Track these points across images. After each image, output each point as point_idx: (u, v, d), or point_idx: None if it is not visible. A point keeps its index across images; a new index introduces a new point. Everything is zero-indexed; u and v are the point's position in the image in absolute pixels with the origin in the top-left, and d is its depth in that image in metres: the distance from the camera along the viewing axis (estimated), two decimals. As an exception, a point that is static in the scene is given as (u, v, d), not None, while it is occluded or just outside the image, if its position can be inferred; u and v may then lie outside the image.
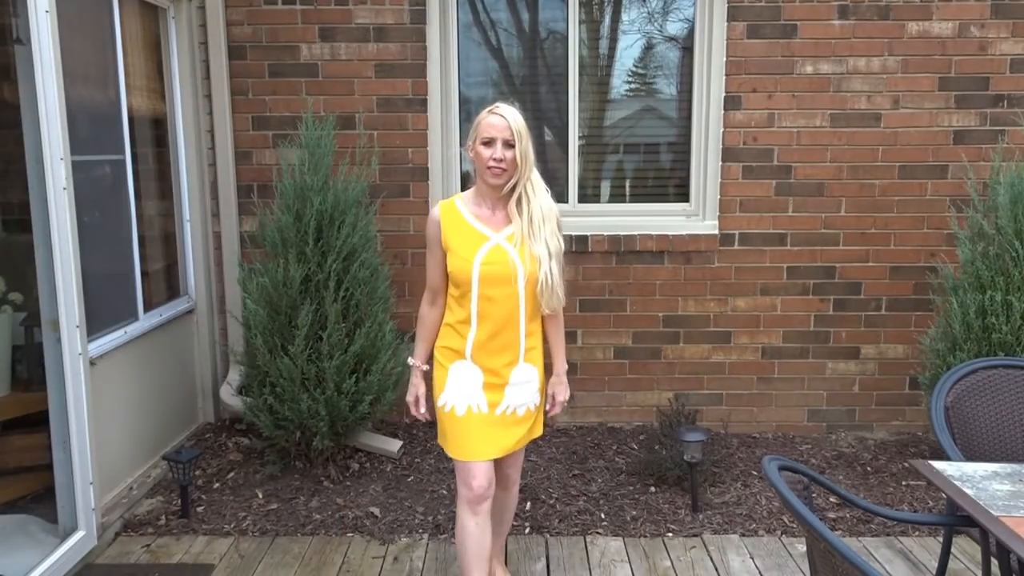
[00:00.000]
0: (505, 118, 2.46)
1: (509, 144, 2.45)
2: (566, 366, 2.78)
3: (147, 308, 4.12)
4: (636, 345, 4.69)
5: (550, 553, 3.36)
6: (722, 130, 4.50)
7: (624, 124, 4.84)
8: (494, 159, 2.44)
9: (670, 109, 4.79)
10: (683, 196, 4.72)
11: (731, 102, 4.48)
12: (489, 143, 2.46)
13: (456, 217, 2.57)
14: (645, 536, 3.51)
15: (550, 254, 2.51)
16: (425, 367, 2.74)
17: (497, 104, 2.51)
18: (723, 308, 4.65)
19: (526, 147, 2.46)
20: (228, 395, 4.50)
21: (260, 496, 3.84)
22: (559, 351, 2.77)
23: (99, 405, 3.41)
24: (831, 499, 3.83)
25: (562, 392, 2.76)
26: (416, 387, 2.74)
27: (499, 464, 2.69)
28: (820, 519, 1.78)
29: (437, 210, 2.61)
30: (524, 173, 2.48)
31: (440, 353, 2.65)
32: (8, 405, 3.63)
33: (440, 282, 2.65)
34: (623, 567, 3.27)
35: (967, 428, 2.59)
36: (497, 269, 2.50)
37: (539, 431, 2.76)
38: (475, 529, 2.58)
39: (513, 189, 2.50)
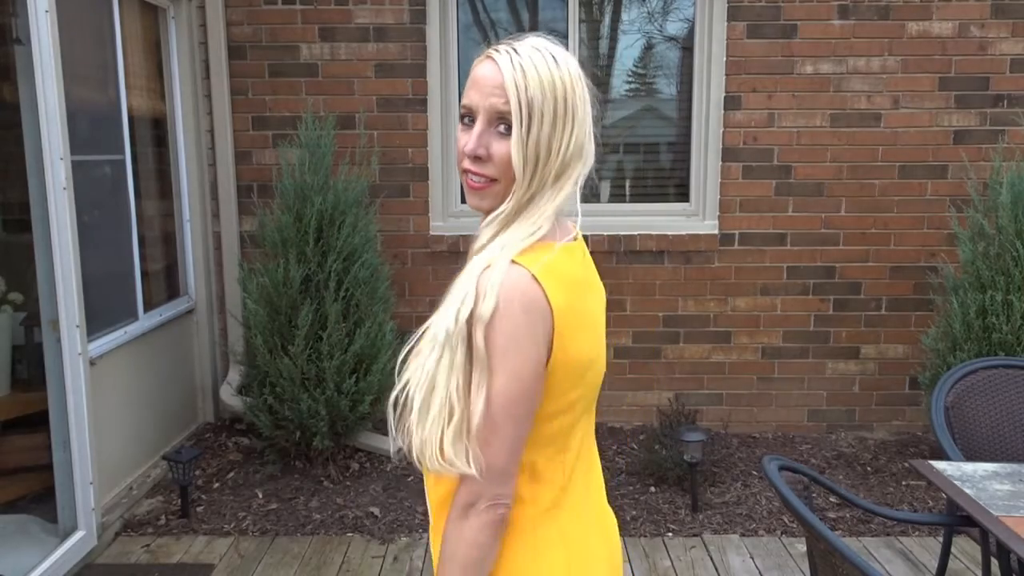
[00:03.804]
0: (500, 68, 1.17)
1: (502, 120, 1.18)
2: None
3: (147, 308, 4.12)
4: (636, 345, 4.69)
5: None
6: (722, 130, 4.50)
7: (624, 124, 4.84)
8: (467, 153, 1.20)
9: (670, 109, 4.79)
10: (683, 196, 4.72)
11: (731, 102, 4.48)
12: (465, 118, 1.23)
13: None
14: (645, 536, 3.51)
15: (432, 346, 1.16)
16: None
17: (509, 39, 1.22)
18: (723, 308, 4.65)
19: (542, 135, 1.17)
20: (228, 395, 4.50)
21: (260, 496, 3.84)
22: None
23: (99, 405, 3.41)
24: (831, 499, 3.83)
25: None
26: None
27: None
28: (820, 519, 1.78)
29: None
30: (525, 190, 1.19)
31: None
32: (8, 405, 3.63)
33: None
34: (623, 567, 3.26)
35: (967, 428, 2.59)
36: None
37: None
38: None
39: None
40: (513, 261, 1.14)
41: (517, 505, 1.19)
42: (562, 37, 4.63)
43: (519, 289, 1.12)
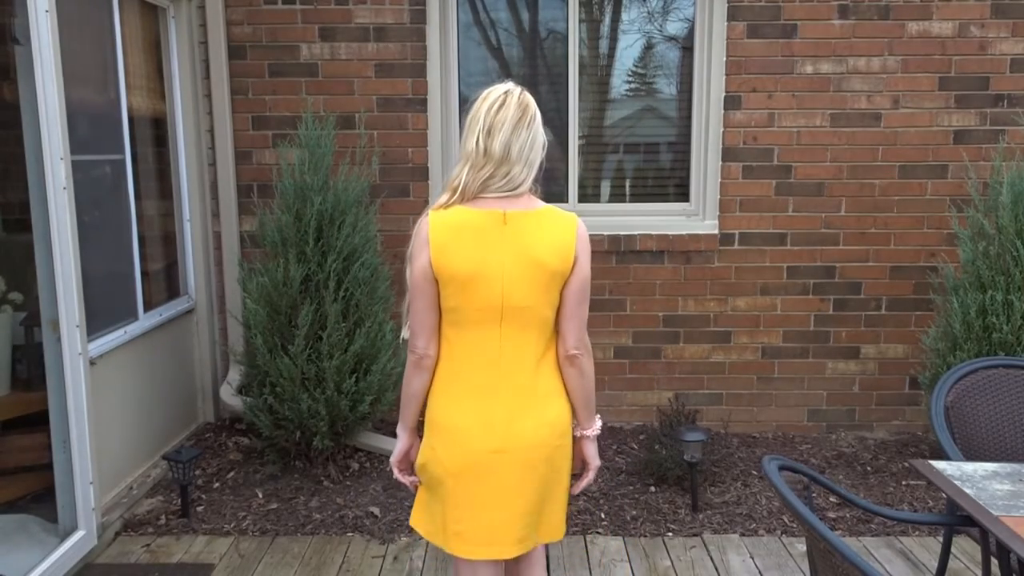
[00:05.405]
0: None
1: None
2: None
3: (147, 308, 4.12)
4: (636, 345, 4.69)
5: (550, 552, 3.36)
6: (722, 130, 4.50)
7: (624, 124, 4.84)
8: None
9: (670, 109, 4.79)
10: (683, 196, 4.72)
11: (731, 102, 4.48)
12: None
13: None
14: (645, 536, 3.51)
15: None
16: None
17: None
18: (723, 308, 4.65)
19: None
20: (228, 395, 4.50)
21: (260, 496, 3.84)
22: None
23: (99, 405, 3.41)
24: (831, 499, 3.83)
25: None
26: None
27: None
28: (820, 519, 1.78)
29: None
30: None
31: None
32: (8, 405, 3.63)
33: None
34: (623, 567, 3.27)
35: (967, 428, 2.59)
36: None
37: None
38: None
39: None
40: (428, 213, 1.98)
41: (441, 362, 2.01)
42: (562, 37, 4.64)
43: (418, 227, 1.97)
